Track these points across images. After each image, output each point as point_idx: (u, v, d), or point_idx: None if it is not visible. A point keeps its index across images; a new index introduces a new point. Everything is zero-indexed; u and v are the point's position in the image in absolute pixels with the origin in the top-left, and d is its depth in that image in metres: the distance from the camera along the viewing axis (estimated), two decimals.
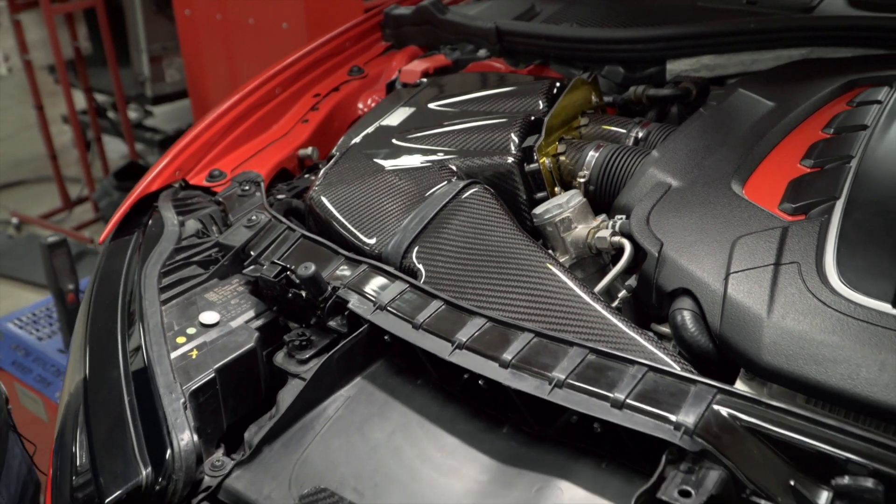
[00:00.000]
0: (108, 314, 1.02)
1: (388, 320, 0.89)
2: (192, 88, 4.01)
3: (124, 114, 4.28)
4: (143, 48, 4.38)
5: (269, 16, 3.44)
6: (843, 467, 0.65)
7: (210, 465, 0.85)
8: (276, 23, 3.44)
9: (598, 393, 0.74)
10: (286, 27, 3.52)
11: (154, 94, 4.53)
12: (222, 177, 1.27)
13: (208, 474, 0.84)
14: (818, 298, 0.80)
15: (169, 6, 4.18)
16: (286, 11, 3.44)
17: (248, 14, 3.56)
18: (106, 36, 4.09)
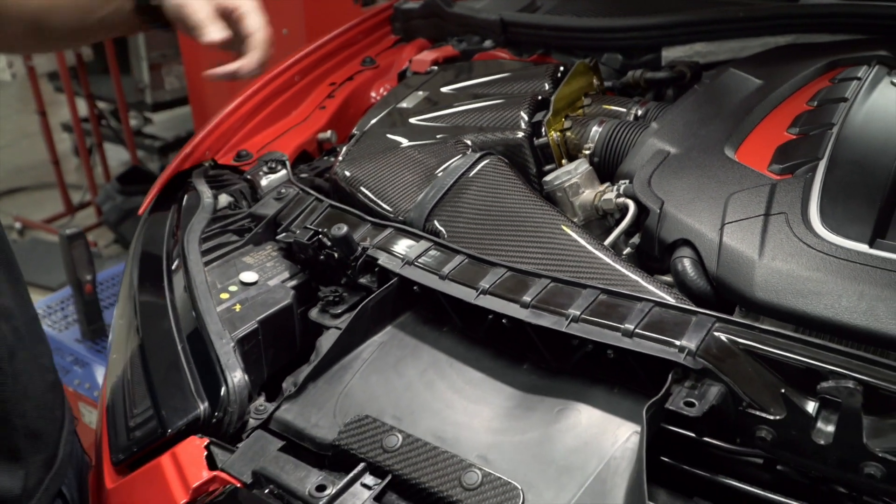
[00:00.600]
0: (154, 274, 1.10)
1: (416, 273, 0.98)
2: (193, 95, 4.08)
3: (126, 120, 4.36)
4: (143, 56, 4.45)
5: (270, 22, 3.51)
6: (825, 377, 0.74)
7: (254, 410, 0.93)
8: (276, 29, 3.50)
9: (609, 325, 0.84)
10: (286, 33, 3.57)
11: (154, 101, 4.60)
12: (249, 157, 1.36)
13: (253, 417, 0.92)
14: (804, 242, 0.90)
15: None
16: (287, 18, 3.49)
17: None
18: (108, 43, 4.16)
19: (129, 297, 1.14)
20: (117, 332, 1.15)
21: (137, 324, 1.03)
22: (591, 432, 0.81)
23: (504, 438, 0.83)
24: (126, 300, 1.15)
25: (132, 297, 1.13)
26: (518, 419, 0.85)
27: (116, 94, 4.23)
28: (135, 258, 1.19)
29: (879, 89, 1.16)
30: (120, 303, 1.18)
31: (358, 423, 0.84)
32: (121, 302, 1.18)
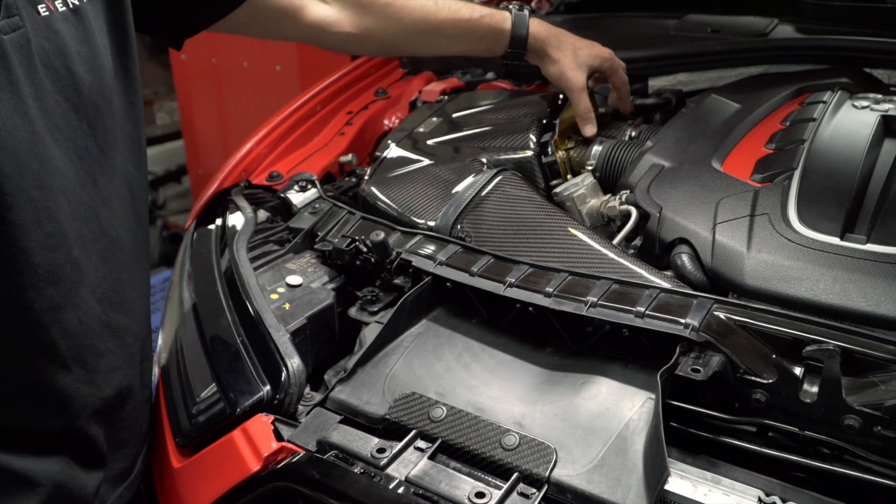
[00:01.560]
0: (207, 279, 1.22)
1: (447, 272, 1.11)
2: (186, 130, 4.18)
3: None
4: None
5: (264, 59, 3.63)
6: (809, 345, 0.88)
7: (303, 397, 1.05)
8: (270, 66, 3.64)
9: (623, 308, 0.98)
10: (280, 70, 3.67)
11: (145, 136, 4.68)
12: (280, 177, 1.49)
13: (303, 405, 1.04)
14: (785, 237, 1.05)
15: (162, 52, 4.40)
16: (280, 55, 3.60)
17: (242, 58, 3.71)
18: None
19: (179, 302, 1.26)
20: (166, 334, 1.27)
21: (200, 322, 1.15)
22: (611, 399, 0.94)
23: (535, 408, 0.96)
24: (176, 305, 1.27)
25: (181, 301, 1.25)
26: (546, 392, 0.98)
27: None
28: (183, 266, 1.31)
29: (842, 111, 1.33)
30: (170, 308, 1.30)
31: (406, 399, 0.97)
32: (171, 307, 1.29)
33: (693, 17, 1.93)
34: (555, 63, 1.41)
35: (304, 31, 1.32)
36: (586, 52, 1.43)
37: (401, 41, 1.39)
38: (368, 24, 1.34)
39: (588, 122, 1.41)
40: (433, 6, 1.36)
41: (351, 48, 1.41)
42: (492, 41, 1.41)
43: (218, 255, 1.27)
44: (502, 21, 1.40)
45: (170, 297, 1.31)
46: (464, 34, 1.39)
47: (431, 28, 1.36)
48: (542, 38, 1.41)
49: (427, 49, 1.43)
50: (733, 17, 1.87)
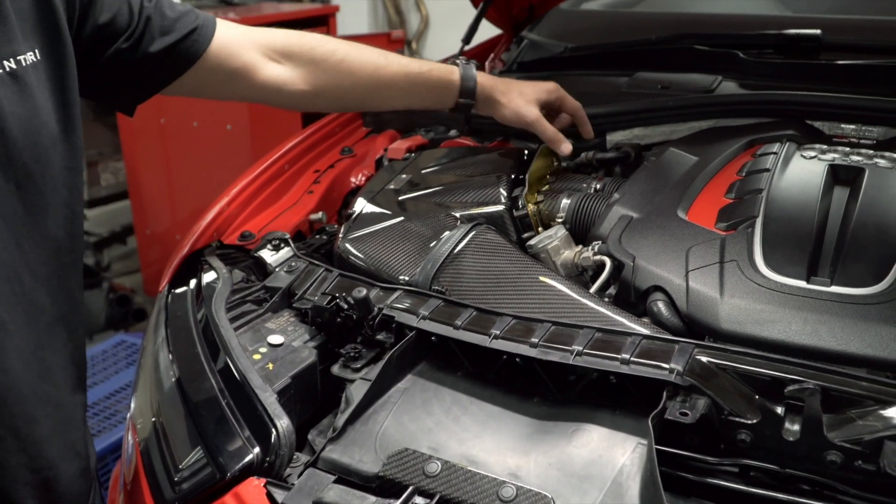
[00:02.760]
0: (187, 340, 1.21)
1: (431, 326, 1.13)
2: (133, 190, 4.14)
3: None
4: None
5: (214, 118, 3.64)
6: (788, 385, 0.93)
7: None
8: (220, 125, 3.65)
9: (608, 356, 1.01)
10: (230, 129, 3.68)
11: (90, 197, 4.64)
12: (252, 237, 1.50)
13: (290, 466, 1.03)
14: (754, 282, 1.10)
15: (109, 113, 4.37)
16: (230, 113, 3.61)
17: (191, 117, 3.71)
18: None
19: (154, 365, 1.24)
20: (140, 400, 1.25)
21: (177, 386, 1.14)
22: (602, 447, 0.96)
23: (529, 458, 0.97)
24: (150, 369, 1.25)
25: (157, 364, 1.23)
26: (538, 442, 0.99)
27: None
28: (157, 329, 1.29)
29: (793, 161, 1.40)
30: (143, 373, 1.28)
31: (399, 456, 0.97)
32: (144, 372, 1.27)
33: (643, 74, 2.01)
34: (505, 106, 1.48)
35: (258, 91, 1.33)
36: (532, 89, 1.51)
37: (353, 96, 1.43)
38: (321, 82, 1.36)
39: (561, 143, 1.49)
40: (383, 61, 1.40)
41: (305, 105, 1.44)
42: (441, 93, 1.46)
43: (195, 317, 1.26)
44: (450, 73, 1.46)
45: (143, 363, 1.29)
46: (414, 87, 1.43)
47: (383, 83, 1.40)
48: (488, 87, 1.47)
49: (379, 103, 1.48)
50: (680, 75, 1.96)
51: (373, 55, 1.40)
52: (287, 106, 1.42)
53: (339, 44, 1.37)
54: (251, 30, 1.31)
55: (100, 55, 1.14)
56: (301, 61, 1.34)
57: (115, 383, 3.09)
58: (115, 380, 3.12)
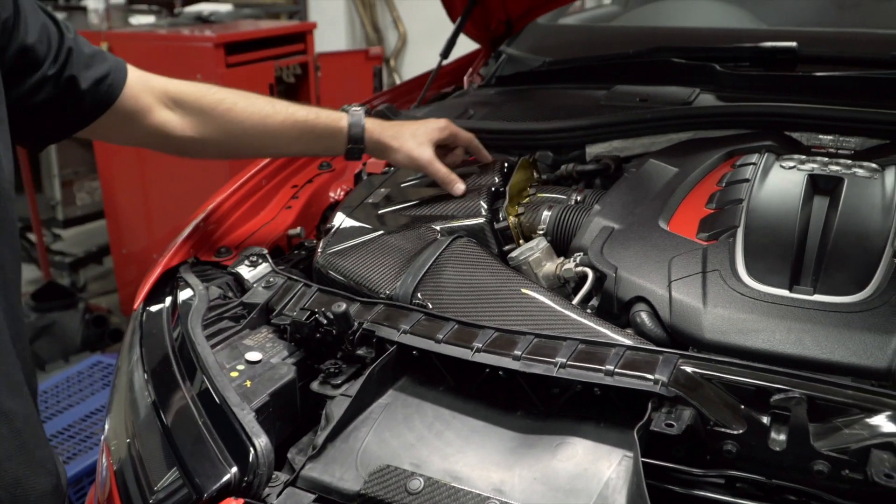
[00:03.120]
0: (163, 359, 1.19)
1: (413, 340, 1.11)
2: (109, 209, 4.10)
3: (40, 238, 4.31)
4: (55, 173, 4.47)
5: None
6: (773, 394, 0.92)
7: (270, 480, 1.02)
8: None
9: (592, 368, 0.99)
10: None
11: (65, 217, 4.59)
12: (229, 252, 1.47)
13: (269, 486, 1.01)
14: (737, 291, 1.09)
15: None
16: None
17: None
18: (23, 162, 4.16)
19: (129, 385, 1.21)
20: (115, 421, 1.22)
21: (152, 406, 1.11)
22: (588, 460, 0.95)
23: (513, 473, 0.95)
24: (125, 389, 1.22)
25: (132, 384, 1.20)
26: (522, 456, 0.97)
27: (31, 213, 4.20)
28: (132, 348, 1.26)
29: (773, 171, 1.40)
30: (117, 393, 1.25)
31: (381, 473, 0.95)
32: (119, 392, 1.24)
33: (621, 87, 2.02)
34: (398, 150, 1.49)
35: (149, 136, 1.35)
36: (423, 130, 1.51)
37: (242, 144, 1.43)
38: (209, 130, 1.38)
39: (453, 184, 1.48)
40: (271, 109, 1.41)
41: (194, 152, 1.44)
42: (330, 140, 1.47)
43: (171, 334, 1.24)
44: (338, 120, 1.46)
45: (117, 383, 1.26)
46: (302, 135, 1.44)
47: (270, 131, 1.41)
48: (377, 133, 1.48)
49: (269, 151, 1.49)
50: (658, 88, 1.97)
51: (260, 103, 1.41)
52: (176, 152, 1.44)
53: (228, 93, 1.39)
54: (148, 75, 1.34)
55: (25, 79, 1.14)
56: (190, 109, 1.36)
57: (91, 405, 3.04)
58: (92, 401, 3.07)
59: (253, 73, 3.72)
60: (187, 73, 3.56)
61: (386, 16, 6.73)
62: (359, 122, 1.47)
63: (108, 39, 3.69)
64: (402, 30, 6.63)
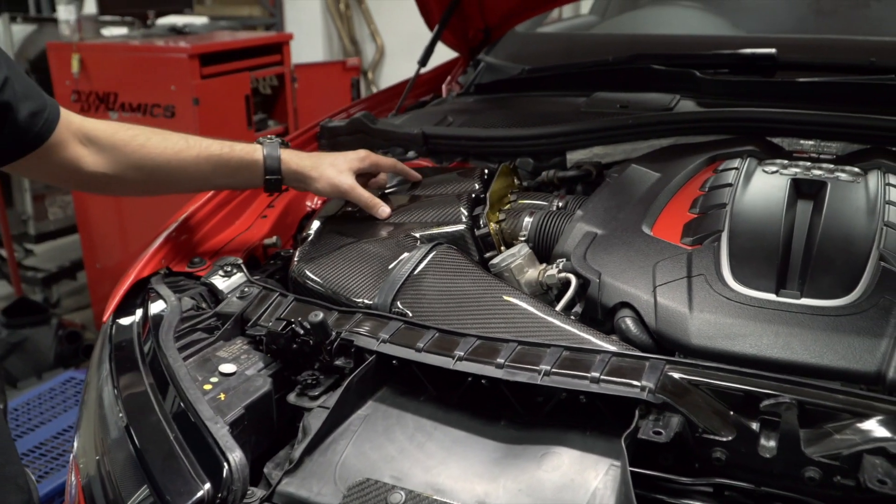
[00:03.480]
0: (133, 373, 1.14)
1: (392, 349, 1.08)
2: (82, 224, 4.04)
3: (11, 254, 4.23)
4: (26, 188, 4.40)
5: None
6: (763, 400, 0.89)
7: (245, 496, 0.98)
8: None
9: (577, 375, 0.96)
10: None
11: (37, 231, 4.51)
12: (202, 263, 1.43)
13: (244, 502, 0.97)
14: (723, 296, 1.07)
15: None
16: None
17: None
18: None
19: (98, 401, 1.17)
20: (84, 439, 1.17)
21: (122, 422, 1.07)
22: (574, 469, 0.92)
23: (498, 485, 0.92)
24: (94, 405, 1.18)
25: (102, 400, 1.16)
26: (507, 467, 0.94)
27: (2, 228, 4.12)
28: (101, 363, 1.22)
29: (756, 176, 1.39)
30: (87, 410, 1.20)
31: (361, 486, 0.92)
32: (88, 408, 1.20)
33: (600, 94, 2.01)
34: (318, 180, 1.47)
35: (62, 171, 1.33)
36: (342, 159, 1.50)
37: (158, 181, 1.41)
38: (122, 166, 1.36)
39: (377, 208, 1.48)
40: (184, 145, 1.40)
41: (109, 189, 1.43)
42: (247, 173, 1.45)
43: (142, 348, 1.20)
44: (252, 153, 1.45)
45: (86, 399, 1.21)
46: (217, 169, 1.43)
47: (185, 166, 1.40)
48: (294, 164, 1.47)
49: (186, 186, 1.46)
50: (638, 94, 1.96)
51: (174, 139, 1.41)
52: (90, 189, 1.42)
53: (142, 130, 1.39)
54: (67, 112, 1.32)
55: None
56: (103, 146, 1.35)
57: (63, 422, 2.98)
58: (64, 418, 3.00)
59: (228, 84, 3.69)
60: (161, 84, 3.54)
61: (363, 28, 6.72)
62: (273, 154, 1.46)
63: (80, 51, 3.63)
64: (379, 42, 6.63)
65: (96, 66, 3.65)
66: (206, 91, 3.54)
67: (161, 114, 3.54)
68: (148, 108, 3.58)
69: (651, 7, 3.02)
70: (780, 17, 2.59)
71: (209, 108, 3.52)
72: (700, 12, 2.78)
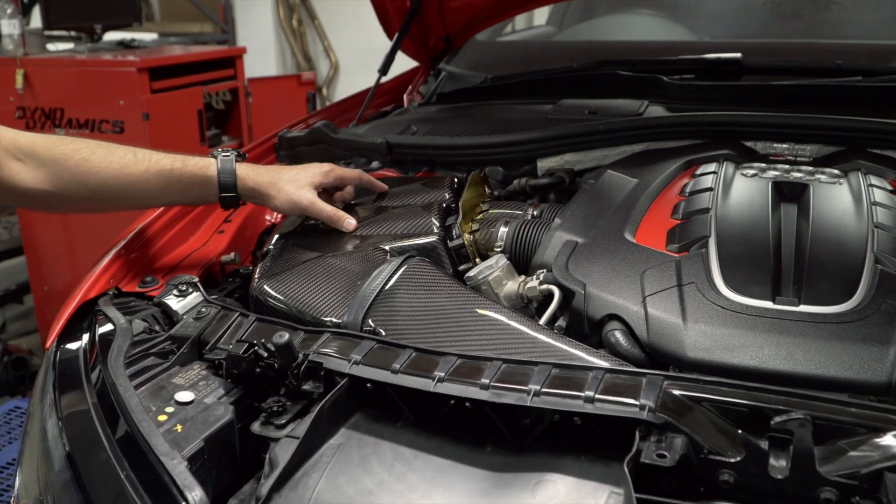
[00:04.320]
0: (78, 404, 1.04)
1: (366, 371, 0.99)
2: (28, 245, 3.89)
3: None
4: None
5: None
6: (772, 415, 0.83)
7: None
8: None
9: (570, 395, 0.89)
10: None
11: None
12: (155, 282, 1.33)
13: None
14: (718, 305, 1.01)
15: None
16: None
17: None
18: None
19: (41, 435, 1.06)
20: (26, 476, 1.06)
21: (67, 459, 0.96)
22: (572, 499, 0.84)
23: None
24: (37, 439, 1.07)
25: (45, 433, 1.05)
26: (497, 497, 0.86)
27: None
28: (44, 393, 1.11)
29: (736, 180, 1.35)
30: (28, 444, 1.09)
31: None
32: (30, 442, 1.09)
33: (567, 101, 1.96)
34: (276, 197, 1.37)
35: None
36: (303, 174, 1.40)
37: (103, 197, 1.31)
38: (64, 181, 1.27)
39: (342, 220, 1.38)
40: (132, 159, 1.31)
41: (50, 206, 1.34)
42: (201, 189, 1.36)
43: (88, 375, 1.09)
44: (206, 168, 1.35)
45: (28, 431, 1.10)
46: (168, 185, 1.33)
47: (132, 181, 1.30)
48: (252, 179, 1.37)
49: (134, 202, 1.35)
50: (605, 101, 1.92)
51: (120, 153, 1.30)
52: (30, 206, 1.33)
53: (85, 143, 1.29)
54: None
55: None
56: (41, 160, 1.26)
57: (8, 455, 2.82)
58: (9, 451, 2.84)
59: (180, 98, 3.58)
60: (109, 99, 3.41)
61: (317, 45, 6.64)
62: (228, 169, 1.35)
63: (25, 66, 3.50)
64: (333, 59, 6.55)
65: (42, 82, 3.52)
66: (157, 106, 3.42)
67: (110, 129, 3.41)
68: (96, 123, 3.45)
69: (610, 15, 3.00)
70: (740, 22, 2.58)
71: (160, 123, 3.40)
72: (660, 20, 2.76)
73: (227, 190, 1.36)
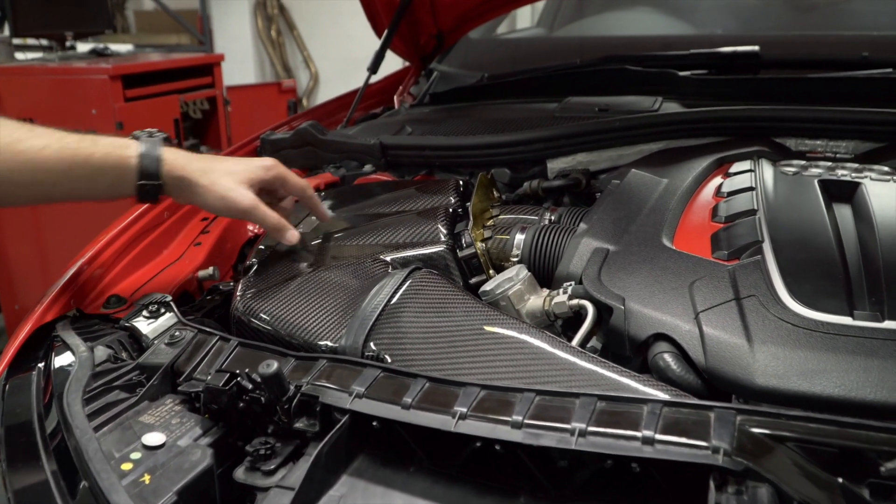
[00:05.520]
0: (27, 449, 0.87)
1: (372, 406, 0.83)
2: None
3: None
4: None
5: None
6: (873, 459, 0.68)
7: None
8: None
9: (623, 435, 0.73)
10: None
11: None
12: (122, 302, 1.16)
13: None
14: (786, 321, 0.86)
15: None
16: None
17: None
18: None
19: None
20: None
21: None
22: None
23: None
24: None
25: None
26: None
27: None
28: None
29: (778, 179, 1.20)
30: None
31: None
32: None
33: (574, 99, 1.82)
34: (208, 190, 1.13)
35: None
36: (242, 167, 1.16)
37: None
38: None
39: (285, 231, 1.17)
40: (25, 134, 1.04)
41: None
42: (113, 175, 1.09)
43: (41, 414, 0.92)
44: (123, 148, 1.10)
45: None
46: (71, 168, 1.05)
47: (23, 161, 1.03)
48: (180, 166, 1.13)
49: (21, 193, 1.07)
50: (617, 98, 1.78)
51: (12, 126, 1.04)
52: None
53: None
54: None
55: None
56: None
57: None
58: None
59: (155, 107, 3.43)
60: (81, 108, 3.24)
61: (296, 55, 6.50)
62: (153, 153, 1.10)
63: None
64: (313, 69, 6.42)
65: (10, 91, 3.38)
66: (131, 114, 3.27)
67: None
68: None
69: (607, 13, 2.86)
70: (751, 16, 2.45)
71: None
72: (662, 15, 2.63)
73: (147, 177, 1.10)
